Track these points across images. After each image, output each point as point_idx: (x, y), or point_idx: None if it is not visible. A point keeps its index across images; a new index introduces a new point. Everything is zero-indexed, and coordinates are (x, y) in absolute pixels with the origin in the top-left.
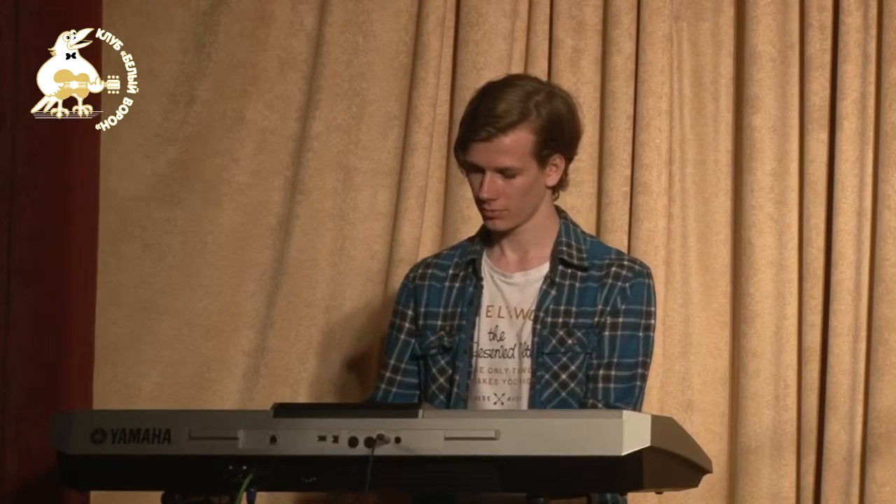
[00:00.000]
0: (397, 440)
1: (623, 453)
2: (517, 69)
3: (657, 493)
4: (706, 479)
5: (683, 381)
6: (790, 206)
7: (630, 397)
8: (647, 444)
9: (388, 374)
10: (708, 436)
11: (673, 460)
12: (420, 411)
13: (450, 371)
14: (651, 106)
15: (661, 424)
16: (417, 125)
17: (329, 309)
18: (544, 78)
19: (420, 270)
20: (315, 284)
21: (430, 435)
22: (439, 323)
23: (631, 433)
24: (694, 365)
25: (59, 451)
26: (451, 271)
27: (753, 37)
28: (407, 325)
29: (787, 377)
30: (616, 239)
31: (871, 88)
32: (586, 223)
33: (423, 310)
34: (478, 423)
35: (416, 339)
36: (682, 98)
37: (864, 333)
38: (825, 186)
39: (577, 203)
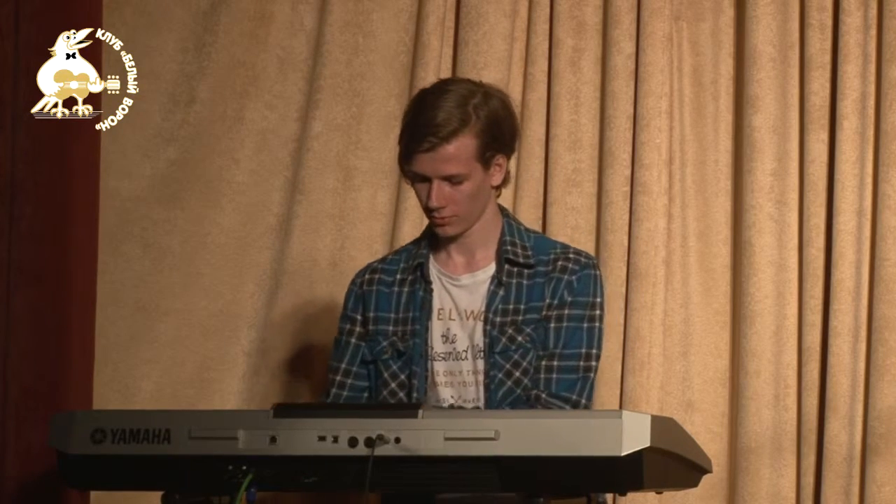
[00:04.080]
0: (397, 440)
1: (623, 453)
2: (517, 69)
3: (657, 493)
4: (706, 479)
5: (683, 381)
6: (790, 206)
7: (574, 388)
8: (647, 444)
9: (338, 378)
10: (708, 436)
11: (673, 460)
12: (420, 411)
13: (402, 376)
14: (651, 106)
15: (661, 424)
16: None
17: (329, 309)
18: (545, 78)
19: (367, 276)
20: (315, 284)
21: (429, 435)
22: (391, 328)
23: (631, 433)
24: (694, 365)
25: (59, 451)
26: (398, 276)
27: (753, 37)
28: (357, 329)
29: (787, 377)
30: (616, 239)
31: (871, 88)
32: (586, 223)
33: (371, 315)
34: (478, 423)
35: (366, 344)
36: (682, 98)
37: (864, 333)
38: (825, 186)
39: (577, 203)
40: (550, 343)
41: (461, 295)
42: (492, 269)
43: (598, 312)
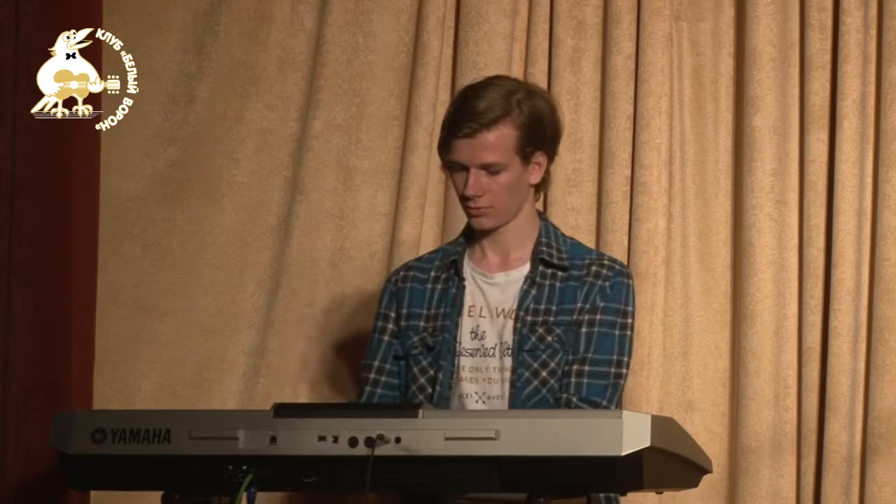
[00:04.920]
0: (397, 440)
1: (623, 453)
2: (517, 69)
3: (657, 493)
4: (706, 479)
5: (683, 381)
6: (790, 206)
7: (604, 394)
8: (647, 444)
9: (372, 375)
10: (708, 436)
11: (673, 460)
12: (420, 411)
13: (431, 371)
14: (651, 106)
15: (661, 424)
16: (417, 125)
17: (329, 309)
18: (545, 78)
19: (402, 273)
20: (315, 284)
21: (430, 435)
22: (422, 324)
23: (631, 433)
24: (694, 365)
25: (59, 451)
26: (432, 273)
27: (753, 37)
28: (390, 326)
29: (787, 377)
30: (616, 239)
31: (871, 88)
32: (586, 223)
33: (405, 311)
34: (478, 423)
35: (398, 340)
36: (682, 98)
37: (864, 333)
38: (825, 186)
39: (577, 203)
40: (581, 347)
41: (493, 292)
42: (526, 269)
43: (629, 321)
